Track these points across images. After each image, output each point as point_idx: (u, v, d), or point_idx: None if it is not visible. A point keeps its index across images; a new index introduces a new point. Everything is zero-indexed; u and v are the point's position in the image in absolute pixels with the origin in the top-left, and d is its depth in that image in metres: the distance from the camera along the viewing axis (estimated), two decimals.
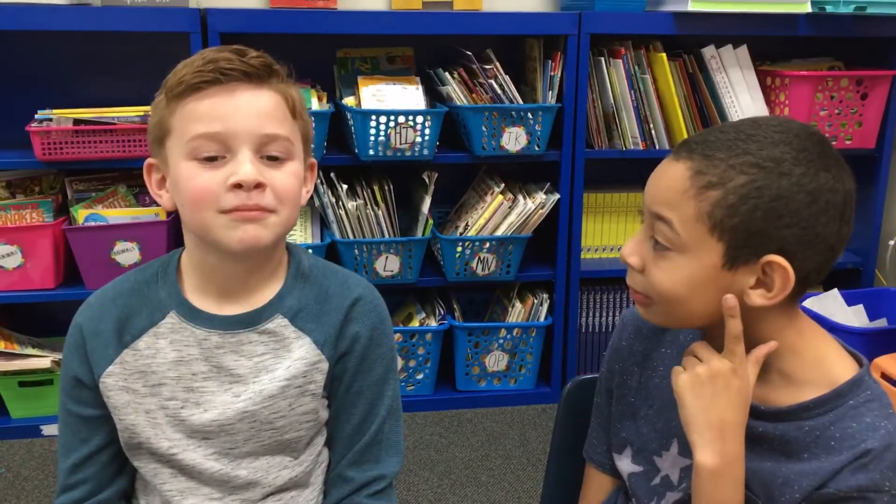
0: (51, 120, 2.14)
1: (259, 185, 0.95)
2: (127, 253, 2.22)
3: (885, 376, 1.89)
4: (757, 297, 0.89)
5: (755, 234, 0.86)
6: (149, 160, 1.03)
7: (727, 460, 0.89)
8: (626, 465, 1.07)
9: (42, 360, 2.27)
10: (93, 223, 2.22)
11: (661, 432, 1.03)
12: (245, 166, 0.93)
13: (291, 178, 0.98)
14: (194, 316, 1.03)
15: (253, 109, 0.96)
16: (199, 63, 0.95)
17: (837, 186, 0.87)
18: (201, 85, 0.94)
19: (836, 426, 0.89)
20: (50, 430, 2.31)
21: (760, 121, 0.90)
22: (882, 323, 2.33)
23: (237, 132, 0.94)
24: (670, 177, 0.90)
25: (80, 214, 2.23)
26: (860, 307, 2.34)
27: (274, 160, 0.97)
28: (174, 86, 0.96)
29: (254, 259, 1.02)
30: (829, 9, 2.27)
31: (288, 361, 1.03)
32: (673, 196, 0.89)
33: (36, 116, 2.16)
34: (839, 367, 0.93)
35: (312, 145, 1.11)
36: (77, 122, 2.13)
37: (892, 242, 2.52)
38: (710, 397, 0.90)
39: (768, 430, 0.93)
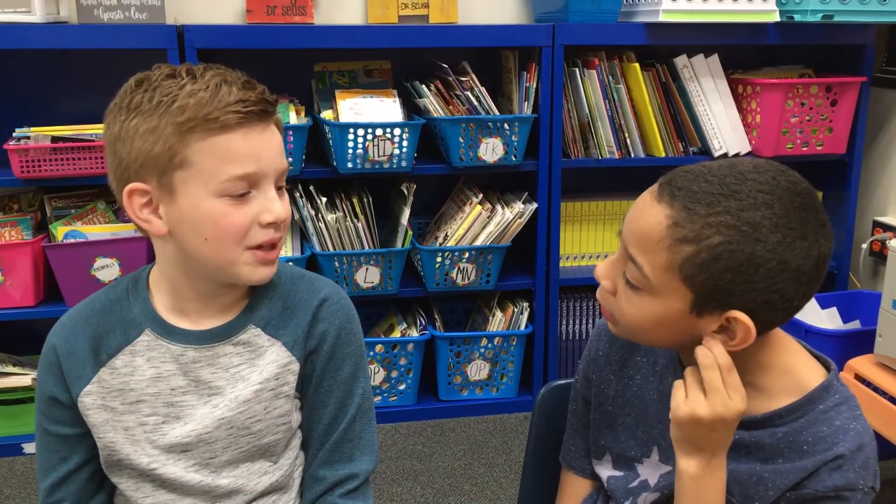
0: (28, 138, 2.15)
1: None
2: (107, 269, 2.22)
3: (858, 377, 1.92)
4: (719, 342, 0.90)
5: (722, 291, 0.87)
6: (136, 185, 0.96)
7: (711, 469, 0.91)
8: (606, 470, 1.09)
9: (22, 378, 2.27)
10: (72, 240, 2.22)
11: (640, 441, 1.05)
12: (276, 203, 0.98)
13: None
14: (169, 332, 1.04)
15: (273, 146, 0.99)
16: (225, 101, 0.93)
17: (812, 253, 0.86)
18: (228, 123, 0.94)
19: (808, 431, 0.92)
20: (31, 448, 2.30)
21: (749, 175, 0.87)
22: (855, 325, 2.36)
23: (266, 170, 0.97)
24: (648, 220, 0.89)
25: (60, 231, 2.23)
26: (833, 310, 2.37)
27: (278, 189, 1.01)
28: (195, 119, 0.92)
29: None
30: (797, 17, 2.31)
31: (261, 366, 1.05)
32: (647, 242, 0.89)
33: (13, 135, 2.16)
34: (808, 373, 0.96)
35: None
36: (55, 139, 2.14)
37: (864, 246, 2.56)
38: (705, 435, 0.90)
39: (744, 438, 0.95)
